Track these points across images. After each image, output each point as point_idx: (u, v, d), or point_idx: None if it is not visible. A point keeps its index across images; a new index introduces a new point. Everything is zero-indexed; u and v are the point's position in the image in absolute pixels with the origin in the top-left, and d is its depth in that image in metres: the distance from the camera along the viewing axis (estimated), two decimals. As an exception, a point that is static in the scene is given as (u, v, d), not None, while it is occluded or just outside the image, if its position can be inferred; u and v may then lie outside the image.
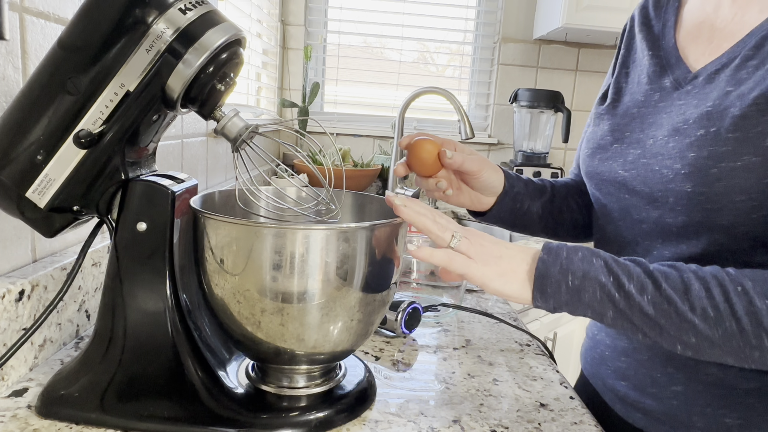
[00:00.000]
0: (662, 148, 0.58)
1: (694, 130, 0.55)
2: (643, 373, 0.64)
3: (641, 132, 0.63)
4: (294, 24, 2.10)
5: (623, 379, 0.67)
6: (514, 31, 2.18)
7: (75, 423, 0.49)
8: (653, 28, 0.69)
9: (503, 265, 0.52)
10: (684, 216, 0.56)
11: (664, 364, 0.62)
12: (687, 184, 0.55)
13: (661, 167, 0.58)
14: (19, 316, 0.54)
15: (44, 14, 0.58)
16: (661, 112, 0.61)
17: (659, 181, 0.58)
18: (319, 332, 0.49)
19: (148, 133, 0.52)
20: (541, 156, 2.09)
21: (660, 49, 0.66)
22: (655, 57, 0.66)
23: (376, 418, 0.55)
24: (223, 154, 1.27)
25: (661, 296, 0.48)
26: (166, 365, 0.51)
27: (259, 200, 0.61)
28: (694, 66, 0.61)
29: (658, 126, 0.61)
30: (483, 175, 0.71)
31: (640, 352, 0.65)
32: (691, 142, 0.55)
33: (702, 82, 0.58)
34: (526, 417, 0.57)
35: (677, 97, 0.60)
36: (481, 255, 0.52)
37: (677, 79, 0.62)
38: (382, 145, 2.18)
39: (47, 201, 0.49)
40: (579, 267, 0.50)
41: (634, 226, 0.63)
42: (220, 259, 0.48)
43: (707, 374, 0.59)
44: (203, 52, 0.46)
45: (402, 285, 0.88)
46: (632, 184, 0.61)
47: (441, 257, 0.51)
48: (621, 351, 0.68)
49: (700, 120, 0.55)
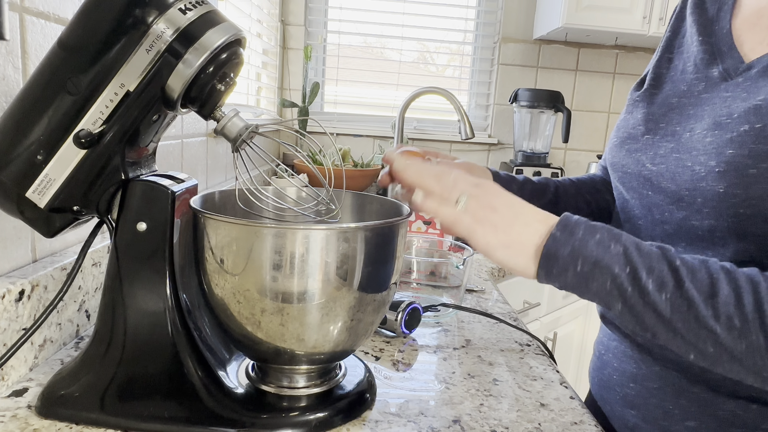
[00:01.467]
0: (698, 142, 0.53)
1: (738, 125, 0.49)
2: (653, 404, 0.59)
3: (678, 124, 0.57)
4: (294, 24, 2.10)
5: (632, 407, 0.62)
6: (514, 31, 2.18)
7: (75, 423, 0.49)
8: (707, 10, 0.62)
9: (512, 234, 0.47)
10: (712, 219, 0.51)
11: (677, 395, 0.57)
12: (720, 184, 0.49)
13: (693, 163, 0.52)
14: (19, 316, 0.54)
15: (44, 14, 0.58)
16: (703, 104, 0.56)
17: (689, 178, 0.52)
18: (319, 332, 0.49)
19: (148, 133, 0.52)
20: (541, 156, 2.09)
21: (712, 35, 0.59)
22: (705, 43, 0.59)
23: (376, 418, 0.55)
24: (223, 154, 1.27)
25: (681, 297, 0.42)
26: (166, 365, 0.51)
27: (259, 200, 0.61)
28: (749, 56, 0.55)
29: (698, 119, 0.55)
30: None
31: (650, 380, 0.60)
32: (731, 138, 0.49)
33: (756, 74, 0.52)
34: (526, 417, 0.57)
35: (725, 88, 0.54)
36: (488, 220, 0.47)
37: (727, 69, 0.56)
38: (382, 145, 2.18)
39: (47, 201, 0.49)
40: (592, 252, 0.45)
41: (656, 227, 0.58)
42: (220, 259, 0.48)
43: (724, 410, 0.53)
44: (203, 52, 0.46)
45: (402, 285, 0.88)
46: (658, 180, 0.56)
47: (446, 215, 0.47)
48: (629, 376, 0.63)
49: (746, 114, 0.49)
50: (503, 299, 0.94)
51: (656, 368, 0.60)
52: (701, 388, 0.56)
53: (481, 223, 0.47)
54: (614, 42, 2.12)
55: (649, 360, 0.61)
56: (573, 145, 2.26)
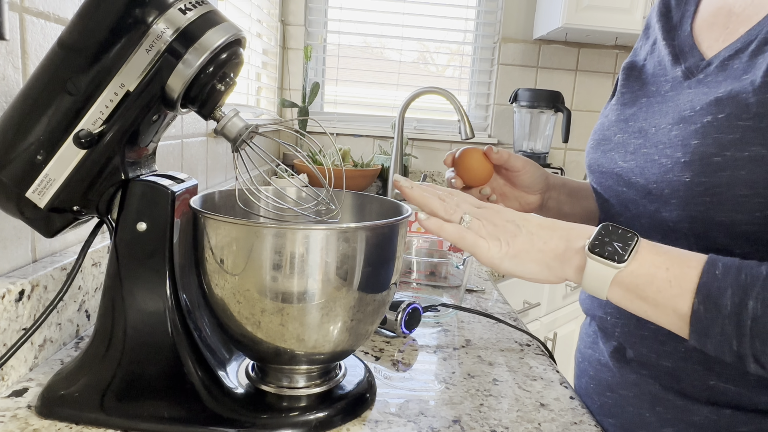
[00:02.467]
0: (665, 136, 0.55)
1: (701, 117, 0.51)
2: (630, 412, 0.60)
3: (645, 120, 0.60)
4: (294, 24, 2.10)
5: (610, 416, 0.63)
6: (514, 31, 2.18)
7: (75, 423, 0.49)
8: (672, 18, 0.66)
9: (517, 245, 0.49)
10: (679, 210, 0.52)
11: (653, 403, 0.58)
12: (686, 174, 0.51)
13: (660, 156, 0.54)
14: (19, 316, 0.54)
15: (44, 14, 0.58)
16: (668, 101, 0.58)
17: (657, 171, 0.54)
18: (319, 332, 0.49)
19: (148, 133, 0.52)
20: (541, 156, 2.09)
21: (675, 38, 0.63)
22: (669, 46, 0.63)
23: (376, 418, 0.55)
24: (223, 154, 1.27)
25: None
26: (166, 365, 0.51)
27: (259, 200, 0.61)
28: (707, 54, 0.57)
29: (663, 114, 0.57)
30: (528, 171, 0.72)
31: (626, 388, 0.61)
32: (695, 129, 0.51)
33: (715, 69, 0.54)
34: (526, 417, 0.57)
35: (687, 85, 0.57)
36: (493, 234, 0.49)
37: (689, 68, 0.58)
38: (382, 145, 2.18)
39: (47, 201, 0.49)
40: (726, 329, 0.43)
41: (634, 222, 0.60)
42: (220, 259, 0.48)
43: (700, 416, 0.55)
44: (203, 52, 0.46)
45: (402, 285, 0.88)
46: (628, 176, 0.59)
47: (450, 233, 0.49)
48: (606, 385, 0.64)
49: (708, 107, 0.51)
50: (503, 299, 0.94)
51: (632, 377, 0.61)
52: (676, 396, 0.56)
53: (486, 237, 0.49)
54: (614, 42, 2.13)
55: (625, 369, 0.61)
56: (573, 145, 2.26)
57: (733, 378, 0.53)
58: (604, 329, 0.65)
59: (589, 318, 0.72)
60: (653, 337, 0.57)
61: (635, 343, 0.59)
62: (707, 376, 0.54)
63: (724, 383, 0.53)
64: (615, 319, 0.62)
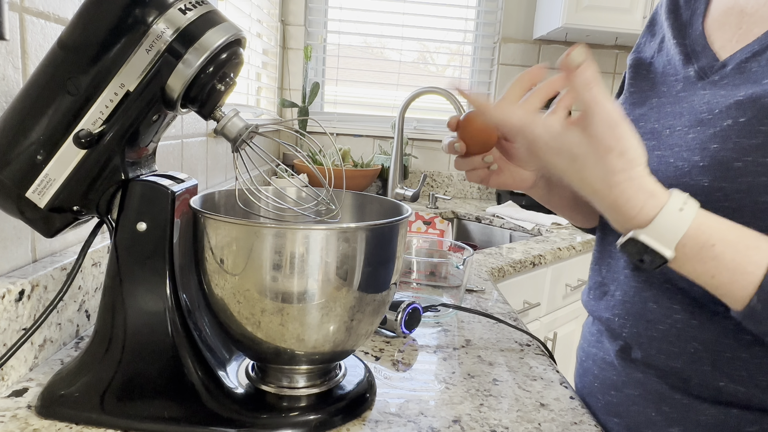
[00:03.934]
0: (680, 139, 0.54)
1: (720, 120, 0.50)
2: (636, 411, 0.59)
3: (657, 122, 0.58)
4: (294, 24, 2.10)
5: (615, 415, 0.62)
6: (514, 31, 2.18)
7: (75, 423, 0.49)
8: (681, 15, 0.64)
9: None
10: None
11: (658, 402, 0.58)
12: (704, 178, 0.50)
13: (676, 159, 0.53)
14: (19, 316, 0.54)
15: (44, 14, 0.58)
16: (681, 102, 0.57)
17: (672, 174, 0.53)
18: (319, 332, 0.49)
19: (148, 133, 0.52)
20: (541, 156, 2.09)
21: (686, 37, 0.62)
22: (680, 45, 0.61)
23: (376, 418, 0.55)
24: (223, 154, 1.27)
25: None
26: (166, 365, 0.51)
27: (259, 200, 0.61)
28: (721, 54, 0.57)
29: (677, 116, 0.56)
30: None
31: (631, 387, 0.60)
32: (714, 133, 0.50)
33: (731, 71, 0.54)
34: (526, 417, 0.57)
35: (701, 87, 0.56)
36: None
37: (702, 68, 0.57)
38: (382, 145, 2.18)
39: (47, 201, 0.49)
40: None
41: None
42: (220, 259, 0.48)
43: (707, 416, 0.54)
44: (203, 52, 0.46)
45: (402, 285, 0.88)
46: None
47: (519, 118, 0.48)
48: (610, 384, 0.63)
49: (728, 110, 0.50)
50: (503, 299, 0.94)
51: (637, 375, 0.60)
52: (682, 395, 0.56)
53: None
54: (614, 42, 2.13)
55: (631, 368, 0.61)
56: (573, 145, 2.26)
57: (744, 380, 0.52)
58: (611, 330, 0.64)
59: (592, 317, 0.71)
60: (663, 338, 0.56)
61: (643, 344, 0.59)
62: (717, 377, 0.53)
63: (734, 385, 0.52)
64: (623, 320, 0.61)
